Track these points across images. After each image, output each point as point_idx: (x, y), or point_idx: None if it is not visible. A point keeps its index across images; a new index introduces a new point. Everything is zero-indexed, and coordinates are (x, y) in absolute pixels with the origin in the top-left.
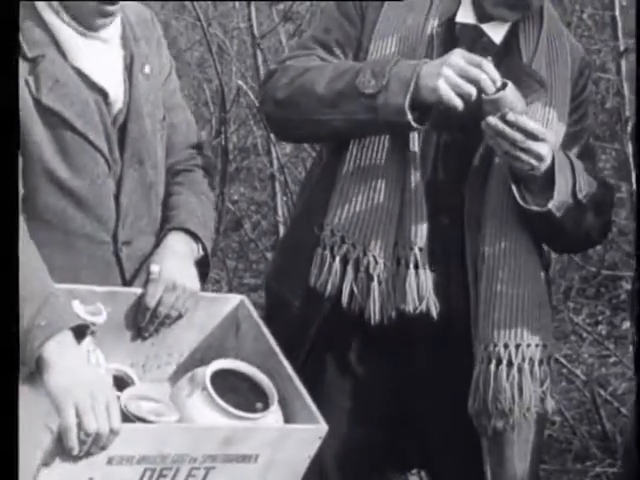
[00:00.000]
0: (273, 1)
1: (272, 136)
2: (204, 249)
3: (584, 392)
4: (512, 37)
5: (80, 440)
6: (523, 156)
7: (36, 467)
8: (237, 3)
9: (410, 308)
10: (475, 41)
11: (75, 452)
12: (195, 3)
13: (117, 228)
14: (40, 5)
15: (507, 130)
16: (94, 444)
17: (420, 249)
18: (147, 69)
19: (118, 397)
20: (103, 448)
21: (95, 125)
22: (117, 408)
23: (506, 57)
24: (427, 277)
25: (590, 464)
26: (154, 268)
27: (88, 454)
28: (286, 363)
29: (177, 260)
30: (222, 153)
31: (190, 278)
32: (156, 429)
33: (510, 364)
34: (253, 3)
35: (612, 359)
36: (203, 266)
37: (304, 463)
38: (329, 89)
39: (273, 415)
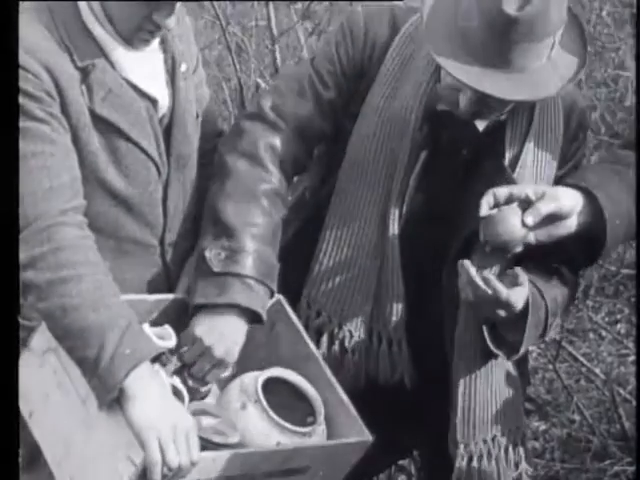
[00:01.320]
0: (292, 0)
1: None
2: None
3: (603, 391)
4: (497, 127)
5: (163, 475)
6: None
7: None
8: (255, 2)
9: (382, 380)
10: (458, 129)
11: None
12: (214, 2)
13: (164, 232)
14: (86, 16)
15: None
16: (175, 476)
17: (396, 326)
18: (184, 67)
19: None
20: (182, 478)
21: (147, 133)
22: (196, 439)
23: (488, 148)
24: (402, 350)
25: (609, 463)
26: None
27: None
28: (327, 369)
29: None
30: None
31: None
32: (226, 456)
33: (489, 457)
34: (271, 2)
35: (631, 358)
36: None
37: (347, 469)
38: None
39: (321, 427)
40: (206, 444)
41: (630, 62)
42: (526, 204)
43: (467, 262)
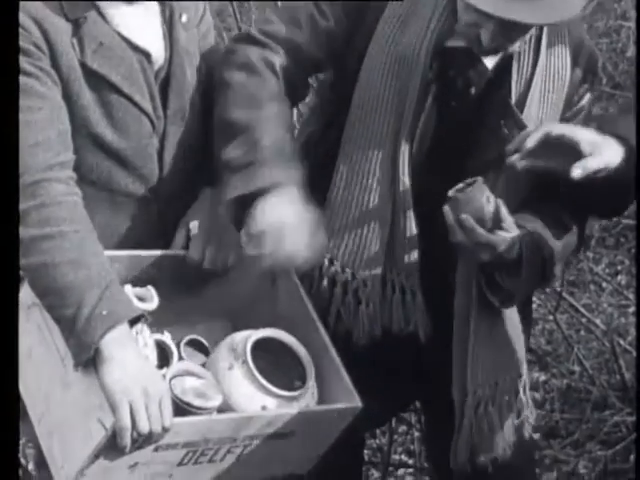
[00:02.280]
0: None
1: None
2: None
3: (603, 342)
4: (505, 66)
5: (133, 439)
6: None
7: (87, 456)
8: None
9: (396, 329)
10: (467, 67)
11: (127, 450)
12: None
13: (160, 186)
14: None
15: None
16: (146, 441)
17: (409, 274)
18: (184, 18)
19: (163, 376)
20: (154, 443)
21: (140, 86)
22: (169, 405)
23: (496, 88)
24: (416, 300)
25: (609, 413)
26: (193, 224)
27: (138, 448)
28: (323, 331)
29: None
30: None
31: (231, 232)
32: (203, 421)
33: (493, 403)
34: None
35: (631, 309)
36: None
37: (335, 434)
38: None
39: (310, 391)
40: (186, 407)
41: (632, 12)
42: (573, 150)
43: (446, 207)
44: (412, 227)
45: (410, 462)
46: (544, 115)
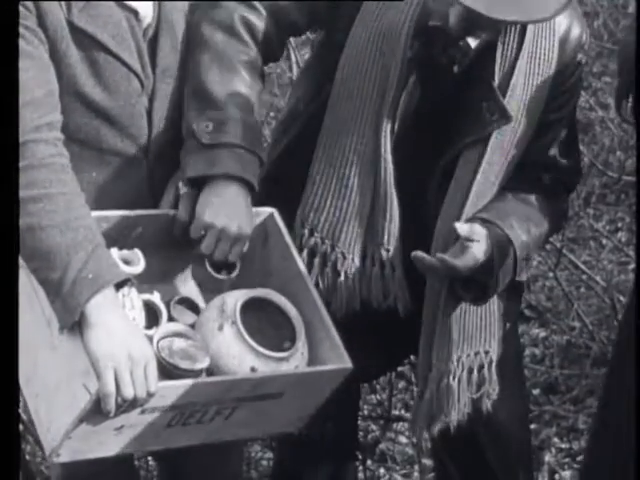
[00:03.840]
0: None
1: (292, 41)
2: None
3: (603, 298)
4: (489, 47)
5: (117, 404)
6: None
7: (72, 421)
8: None
9: (375, 304)
10: (450, 45)
11: (112, 415)
12: None
13: (149, 144)
14: None
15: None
16: (130, 406)
17: (388, 248)
18: None
19: (151, 337)
20: (139, 407)
21: (128, 45)
22: (154, 369)
23: (479, 68)
24: (395, 275)
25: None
26: (181, 183)
27: (123, 412)
28: (313, 289)
29: None
30: None
31: None
32: (189, 384)
33: (453, 377)
34: None
35: (631, 266)
36: None
37: (325, 395)
38: None
39: (300, 351)
40: (172, 369)
41: None
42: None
43: (418, 254)
44: (394, 202)
45: (408, 416)
46: (527, 98)
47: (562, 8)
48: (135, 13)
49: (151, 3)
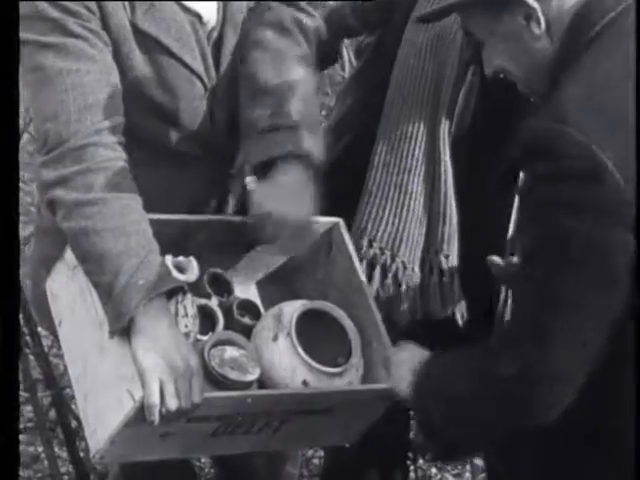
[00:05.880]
0: None
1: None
2: None
3: None
4: None
5: (162, 415)
6: None
7: (117, 425)
8: None
9: (434, 314)
10: None
11: (156, 424)
12: None
13: (213, 143)
14: None
15: None
16: (175, 416)
17: (447, 254)
18: None
19: (202, 345)
20: (184, 417)
21: (191, 48)
22: (200, 381)
23: None
24: (454, 283)
25: None
26: (249, 179)
27: (168, 421)
28: (374, 306)
29: None
30: None
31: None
32: (237, 396)
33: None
34: None
35: None
36: None
37: (378, 413)
38: None
39: (355, 367)
40: (222, 379)
41: None
42: None
43: (494, 258)
44: (452, 205)
45: None
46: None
47: None
48: (199, 17)
49: (215, 6)
